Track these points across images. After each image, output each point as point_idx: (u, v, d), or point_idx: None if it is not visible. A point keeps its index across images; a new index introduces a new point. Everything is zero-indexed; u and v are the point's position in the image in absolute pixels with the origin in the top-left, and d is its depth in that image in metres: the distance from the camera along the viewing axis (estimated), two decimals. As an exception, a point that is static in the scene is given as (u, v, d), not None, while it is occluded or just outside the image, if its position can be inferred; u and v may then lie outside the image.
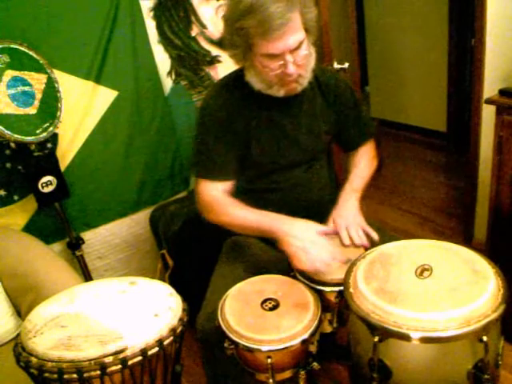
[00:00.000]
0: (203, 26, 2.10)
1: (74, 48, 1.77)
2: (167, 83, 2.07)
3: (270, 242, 1.41)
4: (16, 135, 1.52)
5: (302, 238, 1.15)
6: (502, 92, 1.60)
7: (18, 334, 1.02)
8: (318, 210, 1.41)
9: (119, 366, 0.91)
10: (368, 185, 1.44)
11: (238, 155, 1.33)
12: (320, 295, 1.15)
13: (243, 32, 1.12)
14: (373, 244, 1.21)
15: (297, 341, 1.02)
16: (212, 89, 1.41)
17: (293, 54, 1.14)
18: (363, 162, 1.47)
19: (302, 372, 1.10)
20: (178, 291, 1.12)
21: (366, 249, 1.21)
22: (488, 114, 1.98)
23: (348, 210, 1.33)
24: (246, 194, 1.38)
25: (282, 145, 1.34)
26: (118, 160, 1.98)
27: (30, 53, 1.58)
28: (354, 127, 1.45)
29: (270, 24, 1.07)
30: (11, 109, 1.52)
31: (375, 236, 1.25)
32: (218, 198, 1.30)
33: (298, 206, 1.38)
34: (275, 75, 1.18)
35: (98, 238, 2.02)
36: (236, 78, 1.34)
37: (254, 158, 1.33)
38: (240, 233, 1.31)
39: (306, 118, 1.35)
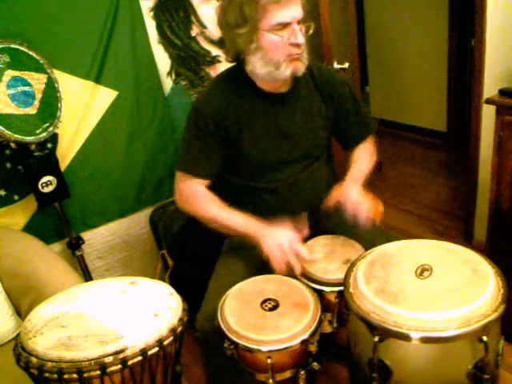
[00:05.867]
0: (203, 26, 2.10)
1: (74, 48, 1.77)
2: (167, 83, 2.07)
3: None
4: (16, 135, 1.52)
5: (278, 238, 1.19)
6: (502, 92, 1.60)
7: (18, 334, 1.01)
8: (316, 211, 1.40)
9: (119, 366, 0.91)
10: (368, 184, 1.44)
11: (225, 154, 1.34)
12: (320, 295, 1.15)
13: (254, 3, 1.14)
14: (372, 244, 1.21)
15: (297, 341, 1.02)
16: (207, 86, 1.43)
17: (299, 26, 1.18)
18: (363, 158, 1.47)
19: (302, 372, 1.10)
20: (178, 291, 1.12)
21: (366, 249, 1.20)
22: (488, 114, 1.98)
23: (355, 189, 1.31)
24: (242, 191, 1.38)
25: (276, 141, 1.34)
26: (118, 160, 1.98)
27: (30, 53, 1.57)
28: (354, 123, 1.45)
29: None
30: (11, 109, 1.52)
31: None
32: (198, 190, 1.34)
33: (295, 205, 1.38)
34: (283, 50, 1.19)
35: (98, 238, 2.02)
36: (233, 73, 1.34)
37: (246, 152, 1.33)
38: (215, 229, 1.33)
39: (301, 115, 1.35)
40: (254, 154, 1.33)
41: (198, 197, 1.34)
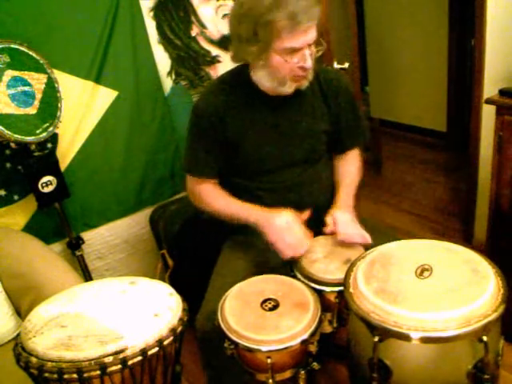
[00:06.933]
0: (203, 26, 2.10)
1: (74, 48, 1.77)
2: (167, 83, 2.07)
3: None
4: (16, 135, 1.52)
5: (280, 227, 1.22)
6: (502, 92, 1.60)
7: (18, 334, 1.01)
8: (315, 214, 1.40)
9: (119, 366, 0.91)
10: (367, 185, 1.43)
11: (227, 154, 1.35)
12: (320, 295, 1.15)
13: (269, 26, 1.11)
14: (372, 244, 1.21)
15: (296, 341, 1.02)
16: (208, 87, 1.43)
17: (309, 48, 1.17)
18: (352, 173, 1.47)
19: (302, 372, 1.10)
20: (178, 291, 1.12)
21: (366, 249, 1.20)
22: (488, 114, 1.98)
23: (348, 215, 1.33)
24: (241, 192, 1.38)
25: (278, 143, 1.34)
26: (118, 160, 1.98)
27: (30, 53, 1.57)
28: (348, 130, 1.44)
29: (300, 18, 1.09)
30: (11, 109, 1.52)
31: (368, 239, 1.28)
32: (205, 189, 1.39)
33: (294, 207, 1.37)
34: (290, 70, 1.19)
35: (98, 238, 2.02)
36: (236, 74, 1.34)
37: (247, 154, 1.33)
38: (227, 220, 1.36)
39: (304, 117, 1.35)
40: (255, 156, 1.33)
41: (205, 195, 1.38)
